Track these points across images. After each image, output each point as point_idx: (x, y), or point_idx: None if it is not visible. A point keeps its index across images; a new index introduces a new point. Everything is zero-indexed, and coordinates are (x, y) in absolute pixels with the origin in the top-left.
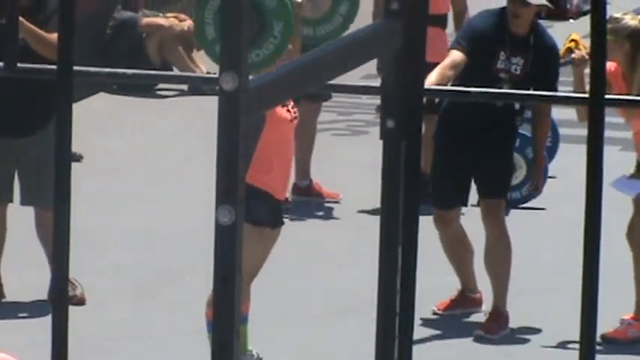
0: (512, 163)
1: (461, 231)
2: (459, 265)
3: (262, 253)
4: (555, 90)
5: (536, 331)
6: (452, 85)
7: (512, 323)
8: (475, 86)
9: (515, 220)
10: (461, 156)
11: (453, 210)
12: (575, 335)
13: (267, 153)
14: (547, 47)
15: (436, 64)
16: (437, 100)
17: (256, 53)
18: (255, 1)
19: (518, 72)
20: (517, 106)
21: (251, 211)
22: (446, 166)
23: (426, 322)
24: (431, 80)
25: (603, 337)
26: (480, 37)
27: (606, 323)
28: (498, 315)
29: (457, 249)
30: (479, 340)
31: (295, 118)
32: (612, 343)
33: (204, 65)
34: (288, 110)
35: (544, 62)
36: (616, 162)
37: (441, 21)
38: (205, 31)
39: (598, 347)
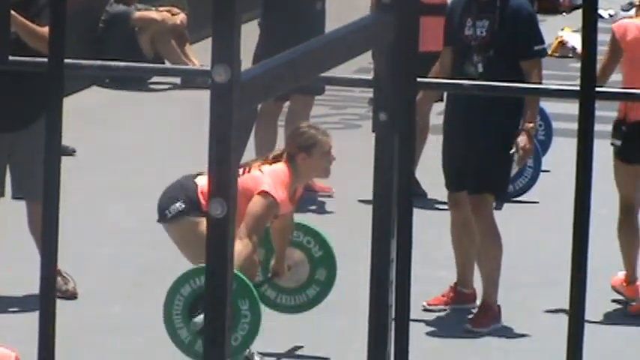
0: (505, 159)
1: (471, 217)
2: (459, 252)
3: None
4: (532, 52)
5: (529, 324)
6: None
7: (506, 317)
8: (456, 64)
9: (509, 214)
10: (462, 143)
11: (462, 192)
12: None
13: None
14: (513, 7)
15: (439, 53)
16: None
17: (234, 338)
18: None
19: (484, 34)
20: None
21: (191, 213)
22: (451, 150)
23: (416, 318)
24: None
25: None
26: (451, 14)
27: (596, 315)
28: (487, 309)
29: (463, 234)
30: (470, 334)
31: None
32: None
33: (198, 59)
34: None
35: (511, 22)
36: (608, 155)
37: (440, 9)
38: (180, 336)
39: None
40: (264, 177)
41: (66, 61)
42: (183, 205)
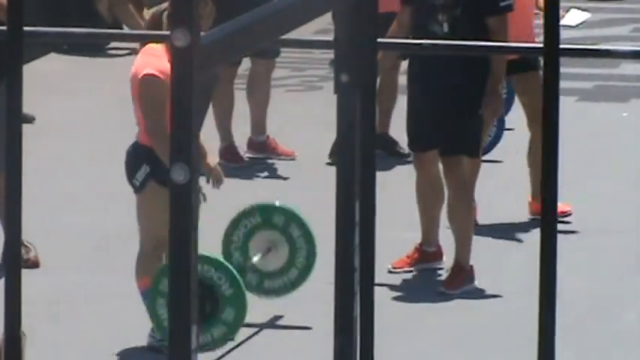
0: (476, 119)
1: (436, 177)
2: (424, 210)
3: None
4: (499, 7)
5: (495, 284)
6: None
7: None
8: (419, 24)
9: None
10: (429, 102)
11: (430, 152)
12: (536, 287)
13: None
14: None
15: (392, 14)
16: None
17: (206, 337)
18: (210, 283)
19: None
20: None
21: (158, 172)
22: (417, 111)
23: (383, 280)
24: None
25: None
26: None
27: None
28: (459, 270)
29: (427, 194)
30: (439, 296)
31: None
32: None
33: None
34: None
35: None
36: (572, 113)
37: None
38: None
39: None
40: (138, 61)
41: (25, 29)
42: (149, 168)
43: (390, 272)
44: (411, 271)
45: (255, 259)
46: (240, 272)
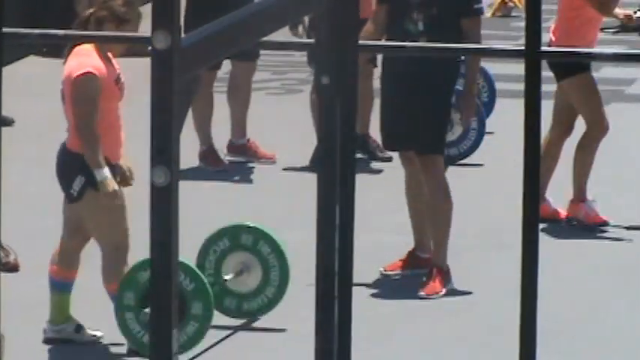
0: (445, 118)
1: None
2: (416, 213)
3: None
4: (473, 10)
5: (478, 288)
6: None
7: (455, 281)
8: (394, 23)
9: (453, 177)
10: (402, 103)
11: (409, 152)
12: (517, 291)
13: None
14: None
15: (364, 20)
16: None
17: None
18: None
19: None
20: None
21: (93, 181)
22: (391, 111)
23: (373, 283)
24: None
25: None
26: None
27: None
28: (437, 272)
29: (418, 194)
30: (422, 299)
31: (123, 93)
32: None
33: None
34: (119, 87)
35: None
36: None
37: None
38: (131, 329)
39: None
40: (69, 63)
41: (4, 30)
42: (84, 178)
43: (383, 275)
44: (400, 275)
45: (228, 278)
46: (218, 298)
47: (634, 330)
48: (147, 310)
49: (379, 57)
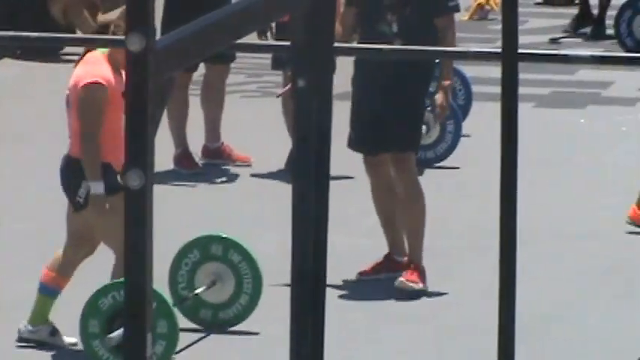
0: (419, 117)
1: (391, 179)
2: (387, 219)
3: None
4: (447, 7)
5: (453, 290)
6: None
7: (430, 284)
8: (366, 24)
9: (430, 180)
10: (373, 103)
11: (380, 155)
12: (494, 293)
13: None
14: None
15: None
16: None
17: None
18: None
19: None
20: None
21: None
22: (364, 113)
23: (348, 287)
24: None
25: None
26: None
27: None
28: (415, 267)
29: (386, 199)
30: (397, 302)
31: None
32: None
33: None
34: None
35: None
36: (530, 119)
37: None
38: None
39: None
40: (77, 71)
41: None
42: (88, 184)
43: (358, 280)
44: (377, 279)
45: (200, 290)
46: (193, 311)
47: (612, 330)
48: (111, 334)
49: (350, 59)
